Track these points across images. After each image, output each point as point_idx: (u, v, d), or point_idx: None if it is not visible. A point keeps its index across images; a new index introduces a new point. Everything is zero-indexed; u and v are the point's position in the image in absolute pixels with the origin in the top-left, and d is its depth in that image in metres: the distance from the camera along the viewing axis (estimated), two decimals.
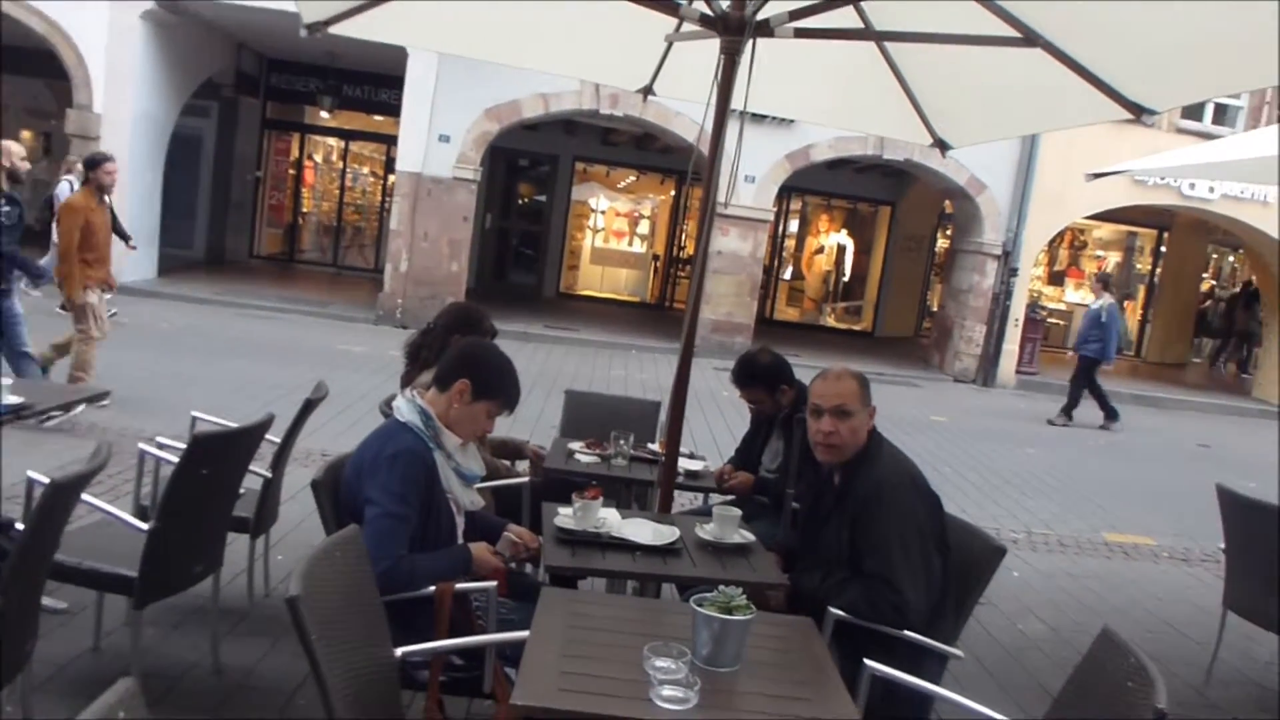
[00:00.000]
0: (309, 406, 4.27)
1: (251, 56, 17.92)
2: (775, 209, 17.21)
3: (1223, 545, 4.93)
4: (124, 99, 13.83)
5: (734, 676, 2.22)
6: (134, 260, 13.10)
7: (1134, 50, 3.66)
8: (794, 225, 21.47)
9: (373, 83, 18.18)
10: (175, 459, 3.38)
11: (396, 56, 13.66)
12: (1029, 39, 3.79)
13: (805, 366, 4.65)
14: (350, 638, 2.28)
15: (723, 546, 3.12)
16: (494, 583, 2.85)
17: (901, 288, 21.05)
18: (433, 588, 2.78)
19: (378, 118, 18.79)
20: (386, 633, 2.49)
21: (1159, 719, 1.97)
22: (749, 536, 3.18)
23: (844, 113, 5.96)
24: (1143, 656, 2.21)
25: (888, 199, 20.55)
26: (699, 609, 2.21)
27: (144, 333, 10.46)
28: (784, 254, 21.25)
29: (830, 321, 21.33)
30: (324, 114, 18.74)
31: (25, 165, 7.17)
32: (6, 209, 6.79)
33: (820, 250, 21.84)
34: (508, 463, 4.49)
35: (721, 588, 2.25)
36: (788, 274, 21.67)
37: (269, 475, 4.16)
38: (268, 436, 3.85)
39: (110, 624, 3.82)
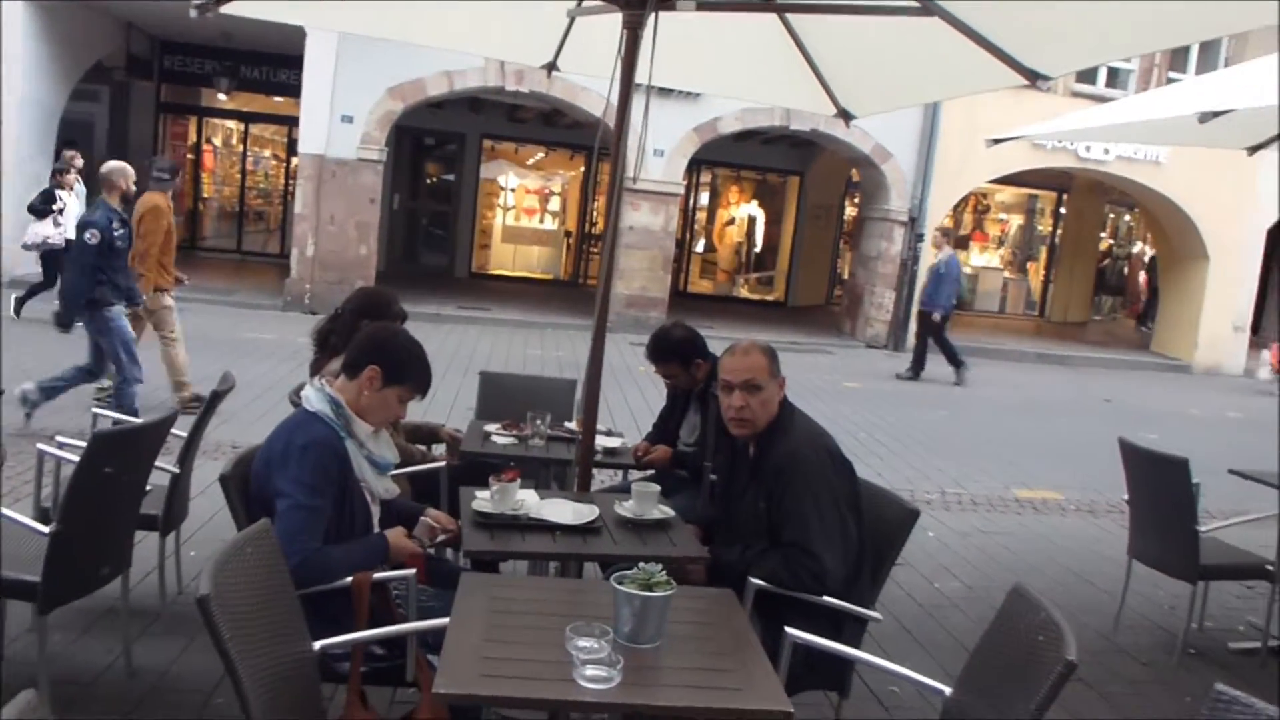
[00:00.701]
0: (215, 399, 4.17)
1: (143, 38, 17.31)
2: (685, 182, 17.24)
3: (1126, 497, 5.10)
4: (7, 85, 13.26)
5: (657, 653, 2.22)
6: (23, 253, 12.63)
7: (1027, 18, 3.72)
8: (704, 198, 21.56)
9: (271, 63, 17.72)
10: (76, 458, 3.26)
11: (295, 36, 13.32)
12: (926, 8, 3.82)
13: (720, 338, 4.66)
14: (265, 634, 2.23)
15: (642, 523, 3.13)
16: (413, 570, 2.81)
17: (812, 257, 21.29)
18: (350, 578, 2.74)
19: (278, 99, 18.33)
20: (304, 627, 2.44)
21: (1068, 670, 2.03)
22: (668, 511, 3.19)
23: (749, 85, 5.98)
24: (1053, 610, 2.27)
25: (796, 169, 20.73)
26: (619, 587, 2.21)
27: (40, 327, 10.08)
28: (696, 227, 21.33)
29: (744, 293, 21.50)
30: (221, 96, 18.22)
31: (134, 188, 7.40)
32: (119, 231, 6.86)
33: (731, 222, 21.97)
34: (423, 448, 4.44)
35: (641, 565, 2.25)
36: (700, 247, 21.77)
37: (176, 470, 4.05)
38: (174, 430, 3.74)
39: (15, 631, 3.69)
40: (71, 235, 9.94)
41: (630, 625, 2.21)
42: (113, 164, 7.17)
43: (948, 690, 2.51)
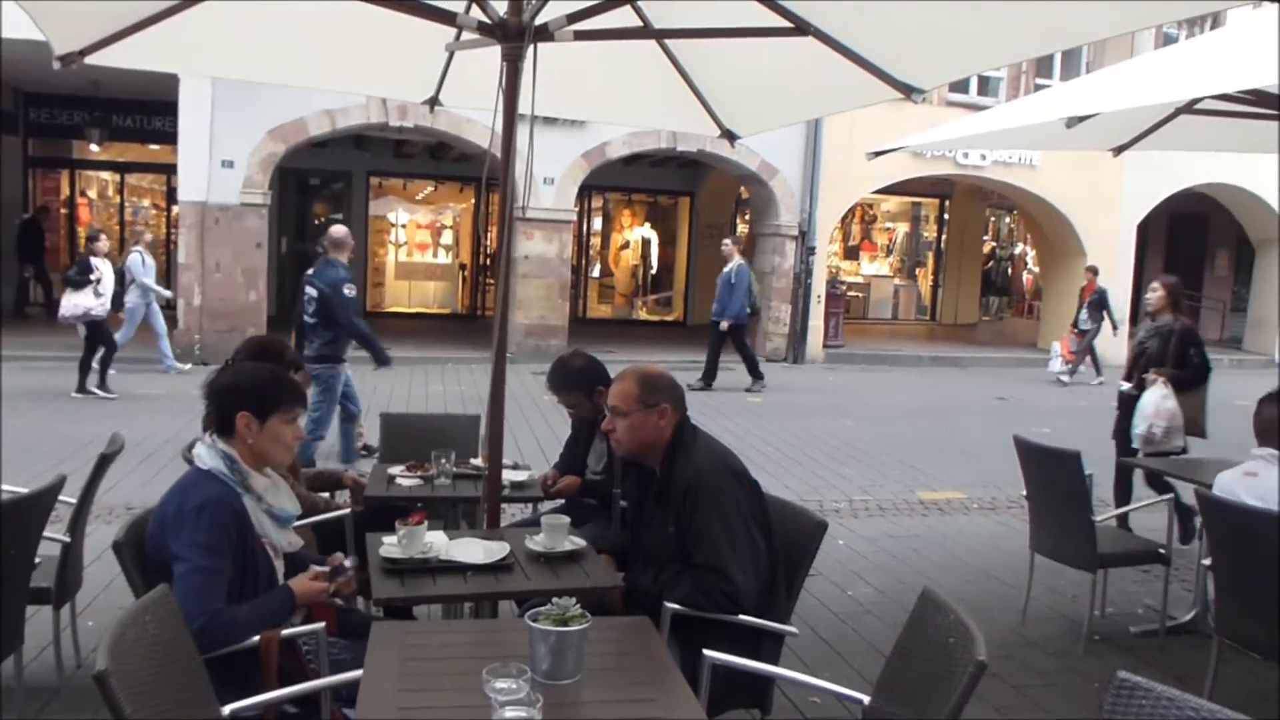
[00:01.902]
0: (104, 462, 4.01)
1: (6, 92, 16.67)
2: (577, 208, 17.29)
3: (1025, 493, 5.25)
4: None
5: (576, 687, 2.20)
6: None
7: (897, 34, 3.83)
8: (598, 223, 21.66)
9: (144, 111, 17.21)
10: None
11: (168, 82, 12.99)
12: (800, 28, 3.91)
13: (621, 362, 4.68)
14: (170, 704, 2.15)
15: (554, 555, 3.10)
16: (322, 624, 2.74)
17: (708, 275, 21.41)
18: (257, 638, 2.65)
19: (154, 146, 17.80)
20: (210, 693, 2.36)
21: (979, 670, 2.07)
22: (579, 542, 3.17)
23: (634, 110, 6.04)
24: (962, 612, 2.31)
25: (686, 189, 20.97)
26: (534, 624, 2.19)
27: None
28: (591, 252, 21.40)
29: (643, 315, 21.62)
30: (93, 147, 17.61)
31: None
32: (350, 290, 7.52)
33: (626, 245, 22.09)
34: (326, 495, 4.33)
35: (555, 599, 2.23)
36: (596, 272, 21.83)
37: (67, 539, 3.87)
38: (62, 498, 3.59)
39: None
40: (108, 305, 10.85)
41: (547, 662, 2.18)
42: (342, 228, 8.04)
43: (866, 698, 2.53)
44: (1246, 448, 4.17)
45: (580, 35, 3.80)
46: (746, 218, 20.60)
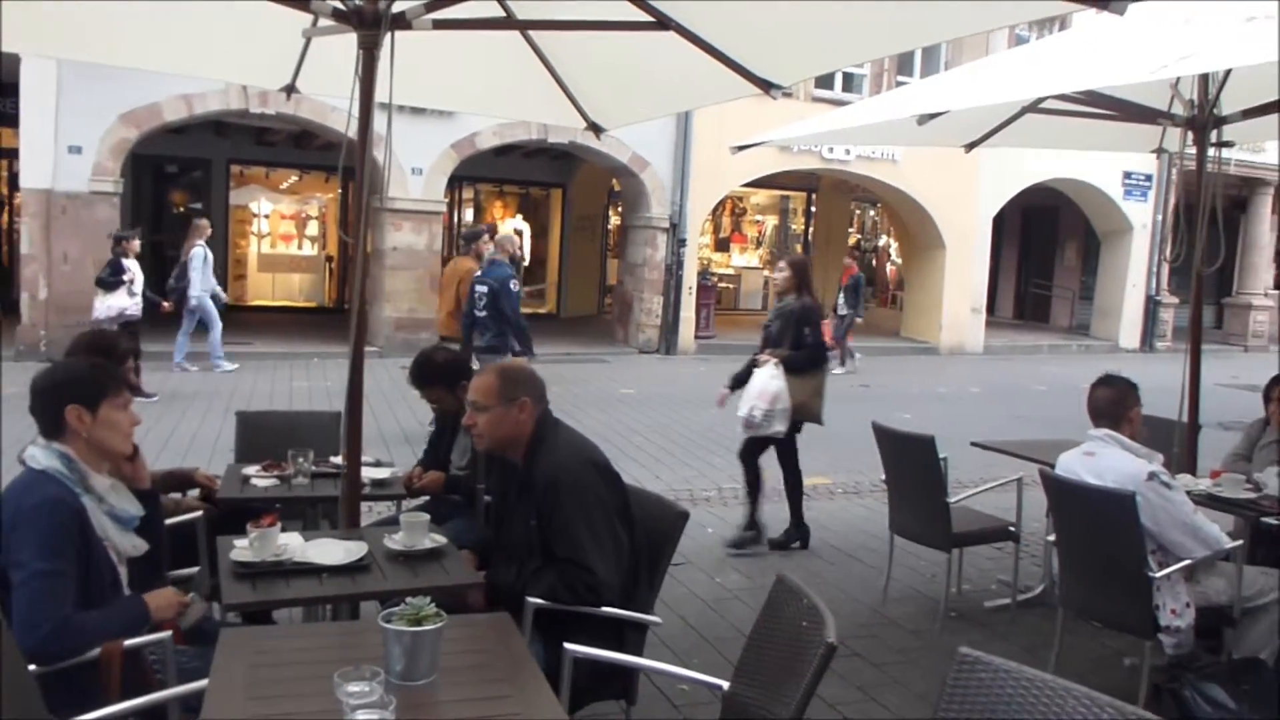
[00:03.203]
0: None
1: None
2: (447, 199, 17.07)
3: (883, 477, 5.41)
4: None
5: (432, 688, 2.17)
6: None
7: (756, 31, 3.88)
8: (469, 214, 21.38)
9: None
10: None
11: (8, 63, 12.28)
12: (662, 23, 3.93)
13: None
14: None
15: (414, 554, 3.05)
16: (168, 633, 2.63)
17: (580, 267, 21.51)
18: (98, 649, 2.53)
19: None
20: (40, 710, 2.24)
21: (829, 651, 2.12)
22: (440, 540, 3.13)
23: (499, 102, 5.98)
24: (814, 596, 2.36)
25: (558, 181, 20.90)
26: (387, 626, 2.15)
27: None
28: (462, 244, 21.12)
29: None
30: None
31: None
32: (516, 285, 8.42)
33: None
34: (176, 496, 4.17)
35: (409, 599, 2.20)
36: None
37: None
38: None
39: None
40: (142, 305, 11.00)
41: (402, 663, 2.15)
42: (508, 232, 9.21)
43: (726, 684, 2.57)
44: (1086, 428, 4.38)
45: (440, 25, 3.74)
46: (619, 209, 20.67)
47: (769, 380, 6.13)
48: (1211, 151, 5.01)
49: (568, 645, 2.66)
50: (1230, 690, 3.83)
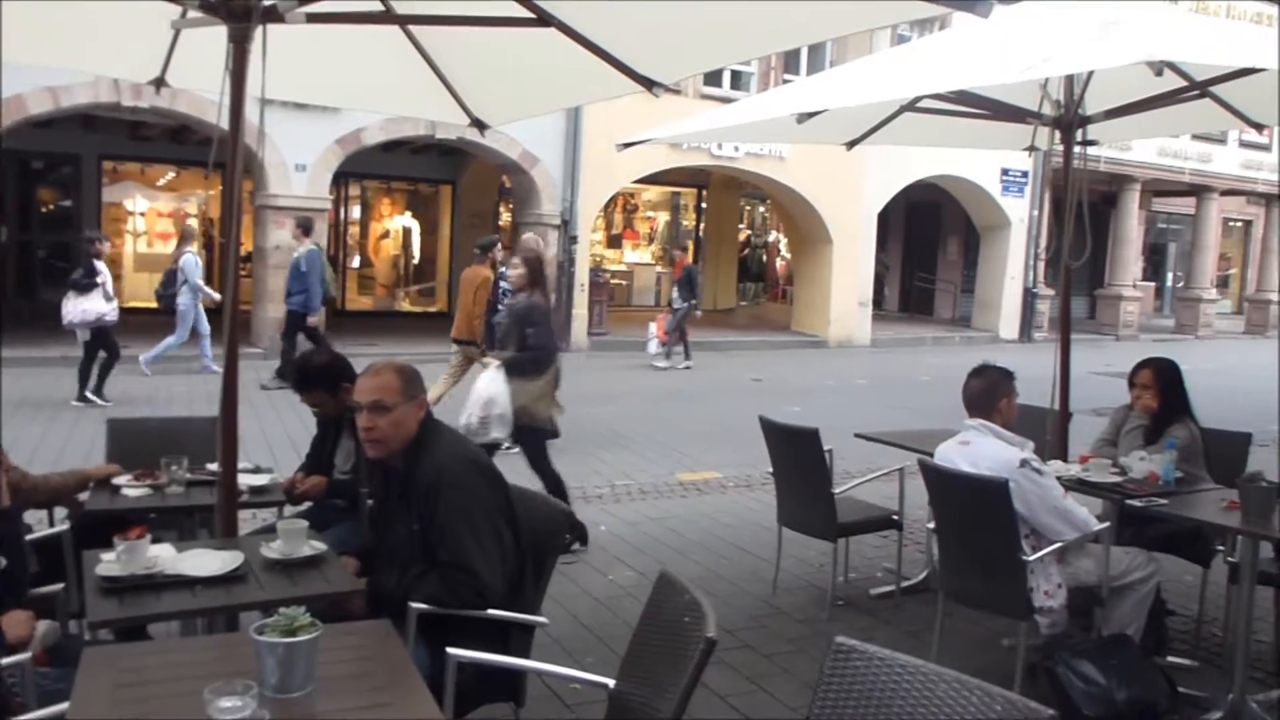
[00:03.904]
0: None
1: None
2: (333, 196, 16.71)
3: (771, 469, 5.49)
4: None
5: (309, 699, 2.12)
6: None
7: (637, 29, 3.89)
8: (356, 212, 21.00)
9: None
10: None
11: None
12: (543, 20, 3.91)
13: (383, 355, 4.56)
14: None
15: (292, 562, 2.97)
16: (28, 654, 2.51)
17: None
18: None
19: None
20: None
21: (709, 646, 2.14)
22: (319, 546, 3.05)
23: (381, 97, 5.88)
24: (696, 592, 2.38)
25: (447, 178, 20.66)
26: (259, 637, 2.09)
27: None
28: (349, 242, 20.72)
29: (405, 306, 21.15)
30: None
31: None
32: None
33: (386, 235, 21.55)
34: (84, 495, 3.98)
35: (282, 609, 2.14)
36: (356, 262, 21.18)
37: None
38: None
39: None
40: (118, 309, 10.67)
41: (276, 675, 2.09)
42: (533, 235, 10.06)
43: (612, 683, 2.57)
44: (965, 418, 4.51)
45: (314, 18, 3.66)
46: (510, 206, 20.53)
47: (486, 385, 5.87)
48: (1078, 149, 5.21)
49: (450, 650, 2.62)
50: (1100, 666, 3.99)
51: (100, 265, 10.54)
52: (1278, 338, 24.27)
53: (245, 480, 3.97)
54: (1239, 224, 31.51)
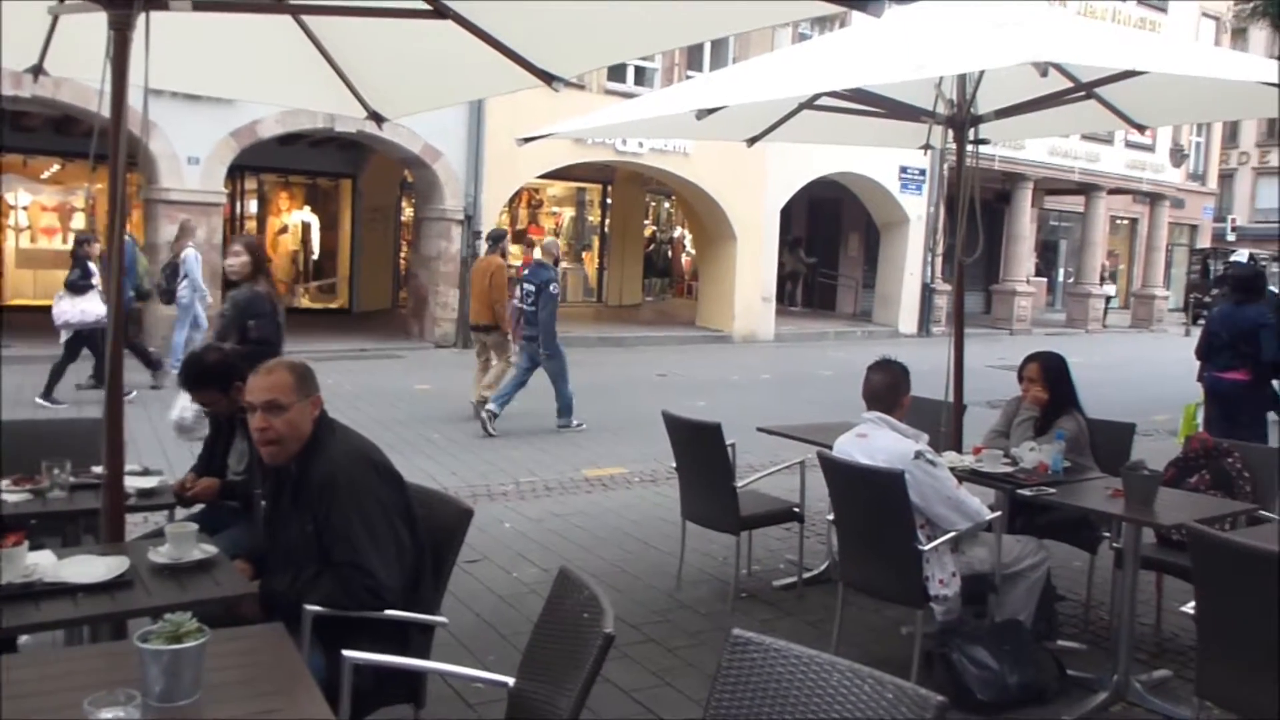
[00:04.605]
0: None
1: None
2: (228, 190, 16.26)
3: (674, 464, 5.52)
4: None
5: (196, 707, 2.05)
6: None
7: (535, 22, 3.86)
8: (253, 206, 20.49)
9: None
10: None
11: None
12: (439, 11, 3.86)
13: (281, 353, 4.44)
14: None
15: (181, 567, 2.88)
16: None
17: (373, 260, 20.95)
18: None
19: None
20: None
21: (607, 642, 2.14)
22: (210, 550, 2.97)
23: (275, 88, 5.72)
24: (595, 587, 2.38)
25: (348, 172, 20.30)
26: (143, 645, 2.02)
27: None
28: None
29: (305, 302, 20.71)
30: None
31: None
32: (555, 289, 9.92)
33: (284, 230, 21.07)
34: None
35: (167, 615, 2.07)
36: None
37: None
38: None
39: None
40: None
41: (161, 684, 2.02)
42: (553, 238, 11.17)
43: (512, 681, 2.55)
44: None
45: (200, 5, 3.55)
46: (412, 201, 20.27)
47: None
48: (970, 148, 5.35)
49: (346, 652, 2.57)
50: (993, 651, 4.12)
51: (93, 266, 10.52)
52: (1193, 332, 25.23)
53: (133, 483, 3.84)
54: (1125, 222, 32.74)
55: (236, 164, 15.32)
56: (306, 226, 21.07)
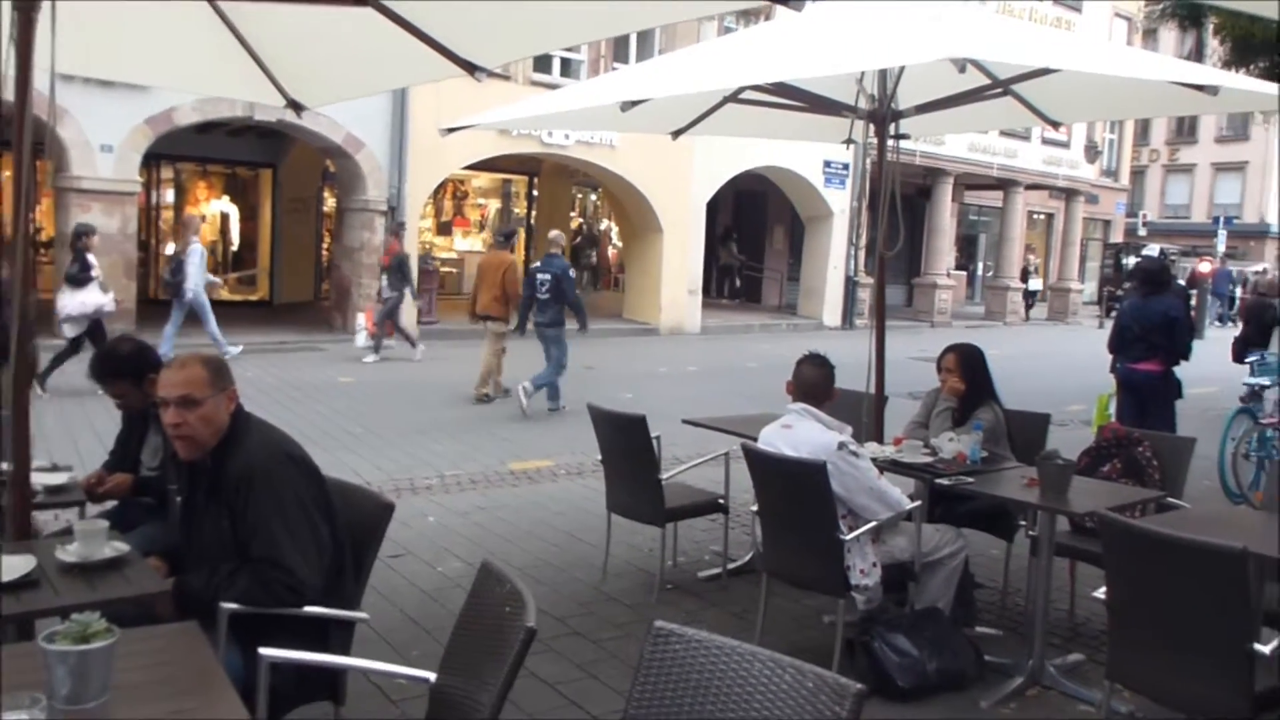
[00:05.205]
0: None
1: None
2: (143, 179, 15.85)
3: (599, 456, 5.51)
4: None
5: (105, 709, 1.99)
6: None
7: (458, 11, 3.82)
8: (169, 195, 19.97)
9: None
10: None
11: None
12: None
13: (203, 345, 4.33)
14: None
15: (91, 565, 2.79)
16: None
17: (295, 252, 20.58)
18: None
19: None
20: None
21: (529, 636, 2.13)
22: (122, 547, 2.88)
23: (190, 75, 5.58)
24: (517, 581, 2.36)
25: (268, 161, 19.89)
26: (48, 646, 1.95)
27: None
28: (162, 227, 19.70)
29: (224, 294, 20.21)
30: None
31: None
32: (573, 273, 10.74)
33: (203, 220, 20.57)
34: None
35: (74, 616, 2.01)
36: (170, 249, 20.15)
37: None
38: None
39: None
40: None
41: (68, 686, 1.96)
42: (559, 231, 11.82)
43: (433, 676, 2.53)
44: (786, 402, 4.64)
45: None
46: (335, 192, 19.94)
47: None
48: (891, 143, 5.42)
49: (263, 650, 2.52)
50: (913, 638, 4.19)
51: (92, 258, 10.74)
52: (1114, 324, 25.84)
53: (40, 479, 3.71)
54: (1042, 217, 33.52)
55: (152, 152, 14.95)
56: (225, 217, 20.61)
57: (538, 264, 11.00)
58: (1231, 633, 3.13)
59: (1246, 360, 8.86)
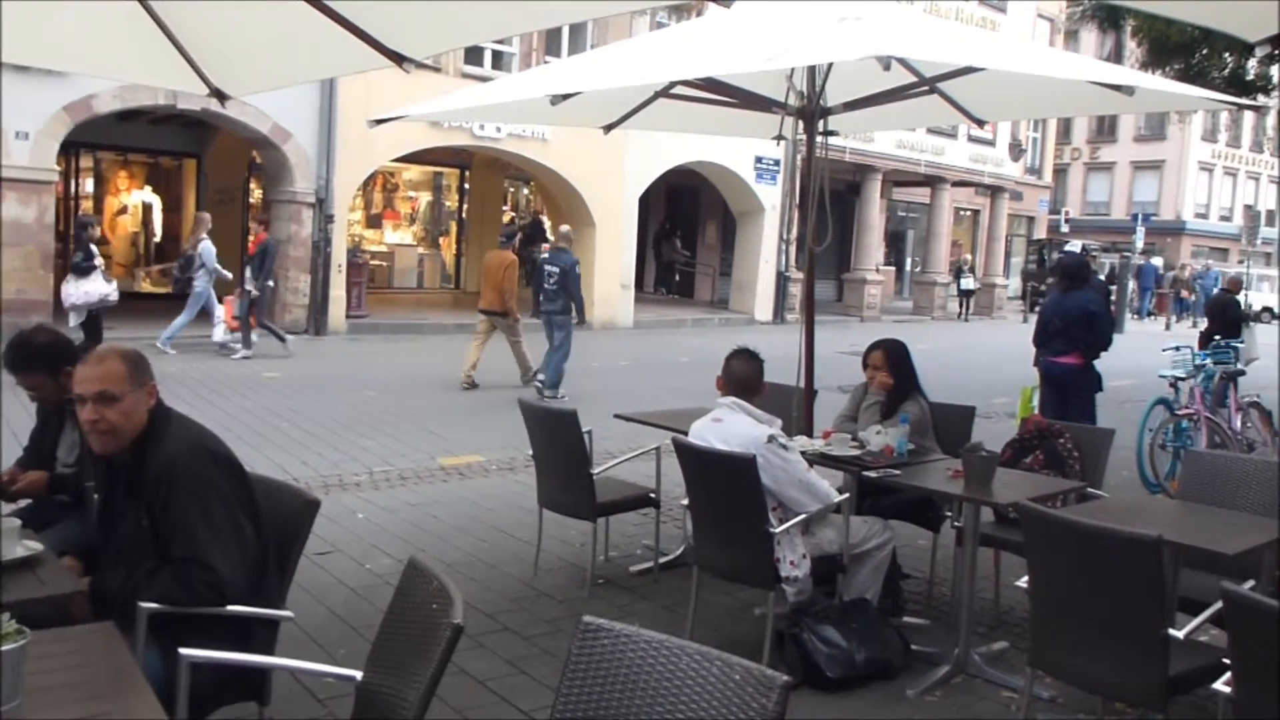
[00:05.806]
0: None
1: None
2: (61, 168, 15.40)
3: (531, 452, 5.49)
4: None
5: (17, 712, 1.94)
6: None
7: (385, 1, 3.77)
8: (89, 185, 19.46)
9: None
10: None
11: None
12: None
13: (123, 339, 4.22)
14: None
15: (2, 565, 2.71)
16: None
17: (220, 244, 19.98)
18: None
19: None
20: None
21: (456, 633, 2.11)
22: (35, 547, 2.80)
23: (108, 61, 5.43)
24: (444, 578, 2.35)
25: (192, 151, 19.44)
26: None
27: None
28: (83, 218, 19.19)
29: (146, 287, 19.76)
30: None
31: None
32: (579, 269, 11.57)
33: (123, 211, 20.09)
34: None
35: None
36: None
37: None
38: None
39: None
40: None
41: None
42: (567, 227, 13.00)
43: (359, 675, 2.50)
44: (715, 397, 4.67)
45: None
46: (261, 183, 19.57)
47: None
48: (820, 139, 5.47)
49: (183, 650, 2.47)
50: (842, 629, 4.25)
51: (95, 250, 11.16)
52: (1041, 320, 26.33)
53: None
54: (968, 213, 34.12)
55: (70, 140, 14.53)
56: (148, 207, 20.12)
57: (546, 256, 11.90)
58: (1147, 618, 3.23)
59: (1169, 348, 9.14)
